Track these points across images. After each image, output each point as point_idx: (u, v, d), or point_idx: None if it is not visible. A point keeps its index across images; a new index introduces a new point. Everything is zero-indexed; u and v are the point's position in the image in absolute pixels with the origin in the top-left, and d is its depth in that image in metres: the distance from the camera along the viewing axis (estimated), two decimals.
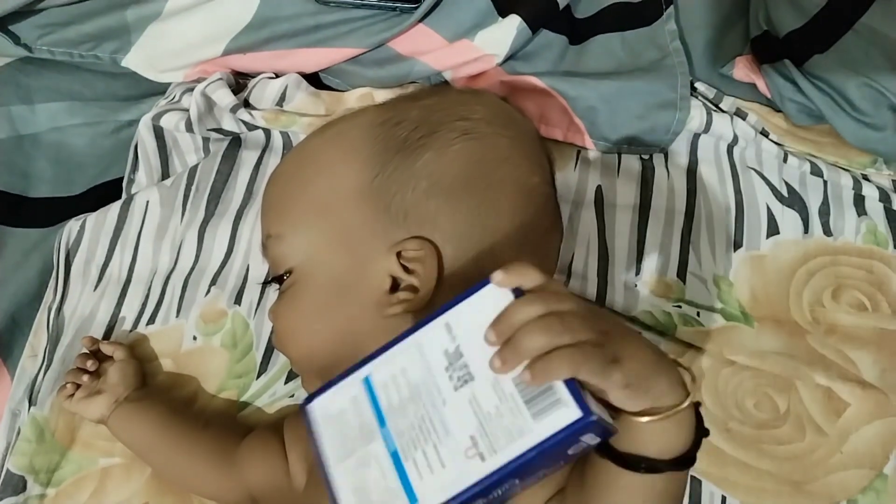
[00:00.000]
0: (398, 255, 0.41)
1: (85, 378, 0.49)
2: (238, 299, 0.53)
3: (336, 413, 0.32)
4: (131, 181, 0.59)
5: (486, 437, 0.28)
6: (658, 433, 0.32)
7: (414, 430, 0.30)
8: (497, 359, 0.28)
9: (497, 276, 0.31)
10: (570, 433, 0.28)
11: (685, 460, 0.33)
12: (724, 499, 0.49)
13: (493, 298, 0.30)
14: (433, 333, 0.31)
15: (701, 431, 0.34)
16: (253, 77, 0.60)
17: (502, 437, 0.28)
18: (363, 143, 0.44)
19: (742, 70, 0.60)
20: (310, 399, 0.34)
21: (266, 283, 0.53)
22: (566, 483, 0.37)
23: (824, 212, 0.56)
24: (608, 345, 0.30)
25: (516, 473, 0.28)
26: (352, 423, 0.32)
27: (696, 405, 0.33)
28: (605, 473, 0.33)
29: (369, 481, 0.30)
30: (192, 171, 0.57)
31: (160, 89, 0.62)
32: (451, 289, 0.41)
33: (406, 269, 0.41)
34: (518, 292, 0.30)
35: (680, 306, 0.53)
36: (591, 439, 0.29)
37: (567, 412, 0.28)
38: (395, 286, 0.41)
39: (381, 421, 0.31)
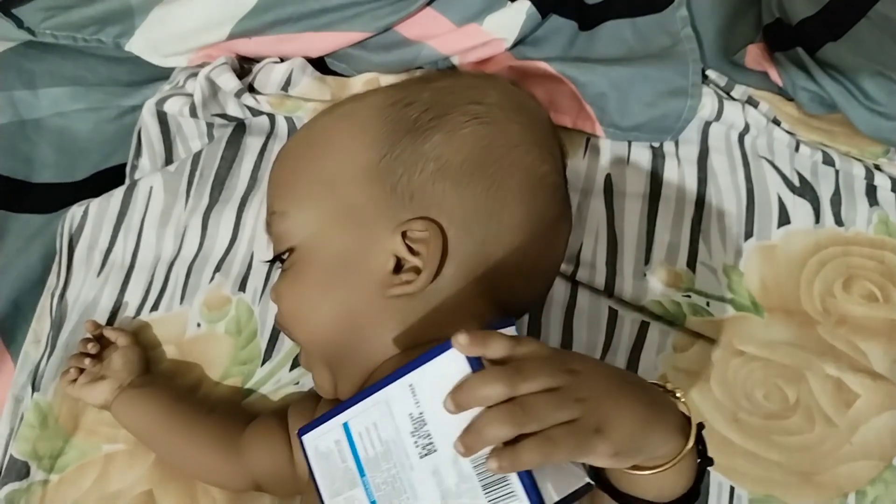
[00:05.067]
0: (403, 235, 0.40)
1: (87, 362, 0.49)
2: (242, 286, 0.53)
3: (325, 452, 0.34)
4: (135, 167, 0.59)
5: None
6: (657, 480, 0.31)
7: (388, 486, 0.31)
8: (460, 445, 0.28)
9: (459, 339, 0.28)
10: None
11: (688, 497, 0.32)
12: (732, 489, 0.48)
13: (455, 365, 0.29)
14: (400, 393, 0.31)
15: (706, 461, 0.33)
16: (258, 62, 0.60)
17: None
18: (372, 122, 0.43)
19: (754, 58, 0.59)
20: (304, 430, 0.35)
21: (271, 263, 0.53)
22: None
23: (836, 202, 0.55)
24: (588, 415, 0.28)
25: None
26: (338, 465, 0.33)
27: (699, 427, 0.32)
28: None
29: None
30: (196, 157, 0.57)
31: (164, 74, 0.61)
32: (455, 272, 0.41)
33: (411, 251, 0.40)
34: (475, 363, 0.29)
35: (689, 296, 0.52)
36: None
37: None
38: (398, 267, 0.41)
39: (361, 470, 0.32)
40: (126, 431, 0.49)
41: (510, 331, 0.31)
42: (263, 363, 0.51)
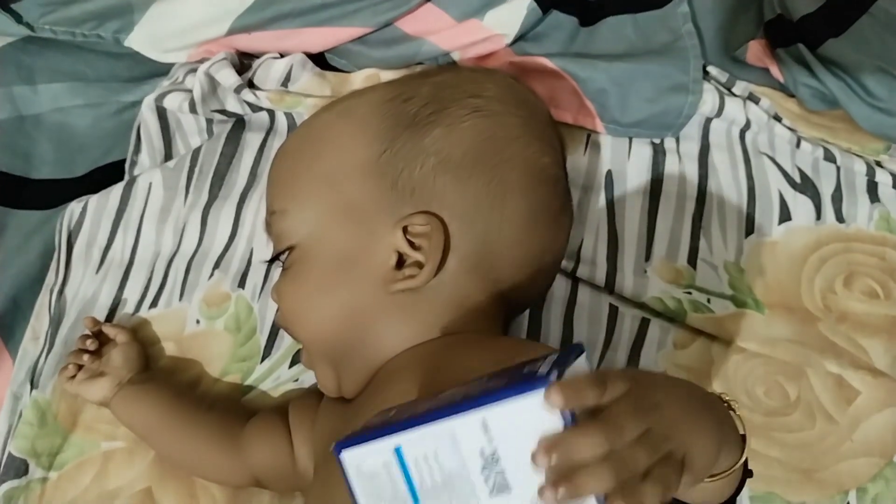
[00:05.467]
0: (404, 230, 0.40)
1: (86, 358, 0.49)
2: (242, 283, 0.52)
3: (369, 473, 0.31)
4: (134, 163, 0.59)
5: None
6: (705, 489, 0.32)
7: None
8: (551, 492, 0.26)
9: (553, 397, 0.26)
10: None
11: None
12: None
13: (539, 411, 0.27)
14: (468, 427, 0.28)
15: (745, 473, 0.33)
16: (257, 57, 0.59)
17: None
18: (372, 118, 0.43)
19: (755, 54, 0.59)
20: (342, 445, 0.33)
21: (270, 262, 0.52)
22: None
23: (837, 198, 0.55)
24: (677, 449, 0.28)
25: None
26: (386, 489, 0.31)
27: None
28: None
29: None
30: (196, 153, 0.57)
31: (163, 70, 0.61)
32: (457, 266, 0.40)
33: (412, 245, 0.40)
34: (568, 415, 0.27)
35: (690, 292, 0.52)
36: None
37: None
38: (400, 263, 0.41)
39: (415, 498, 0.30)
40: (125, 428, 0.49)
41: (583, 362, 0.29)
42: (263, 360, 0.51)
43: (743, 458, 0.32)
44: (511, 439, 0.28)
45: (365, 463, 0.31)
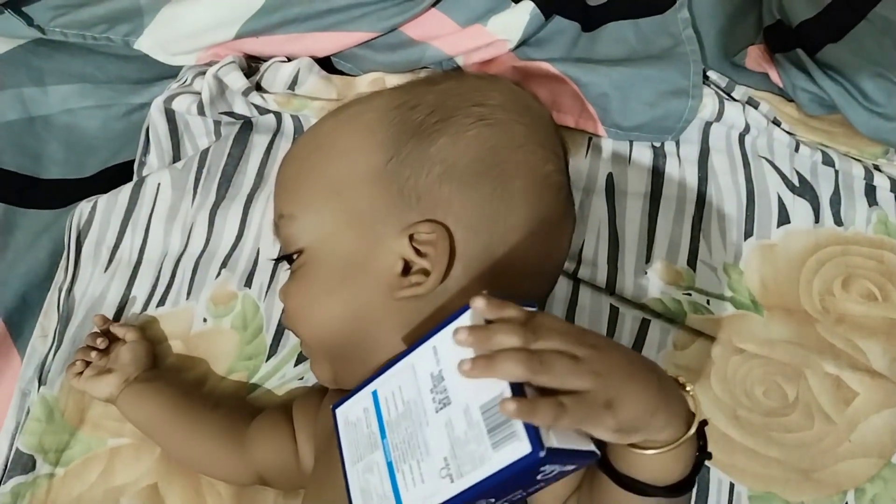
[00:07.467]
0: (410, 237, 0.41)
1: (94, 355, 0.49)
2: (248, 282, 0.53)
3: (353, 421, 0.35)
4: (142, 164, 0.59)
5: (455, 460, 0.30)
6: (653, 462, 0.32)
7: (405, 445, 0.32)
8: (468, 363, 0.29)
9: (477, 301, 0.30)
10: (522, 467, 0.28)
11: (681, 486, 0.33)
12: (731, 486, 0.49)
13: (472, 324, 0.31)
14: (424, 355, 0.32)
15: (704, 454, 0.34)
16: (265, 61, 0.60)
17: (468, 462, 0.30)
18: (378, 126, 0.43)
19: (754, 59, 0.59)
20: (338, 403, 0.37)
21: (277, 262, 0.53)
22: (581, 482, 0.37)
23: (835, 201, 0.56)
24: (601, 389, 0.29)
25: (483, 495, 0.30)
26: (363, 431, 0.34)
27: (703, 424, 0.33)
28: (606, 485, 0.34)
29: (371, 485, 0.33)
30: (204, 155, 0.57)
31: (172, 72, 0.62)
32: (462, 273, 0.41)
33: (418, 253, 0.41)
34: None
35: (690, 294, 0.53)
36: (562, 466, 0.30)
37: (519, 446, 0.28)
38: (406, 269, 0.41)
39: (383, 433, 0.33)
40: (132, 425, 0.49)
41: (530, 309, 0.32)
42: (269, 358, 0.51)
43: (689, 434, 0.32)
44: (452, 356, 0.30)
45: (351, 413, 0.35)
